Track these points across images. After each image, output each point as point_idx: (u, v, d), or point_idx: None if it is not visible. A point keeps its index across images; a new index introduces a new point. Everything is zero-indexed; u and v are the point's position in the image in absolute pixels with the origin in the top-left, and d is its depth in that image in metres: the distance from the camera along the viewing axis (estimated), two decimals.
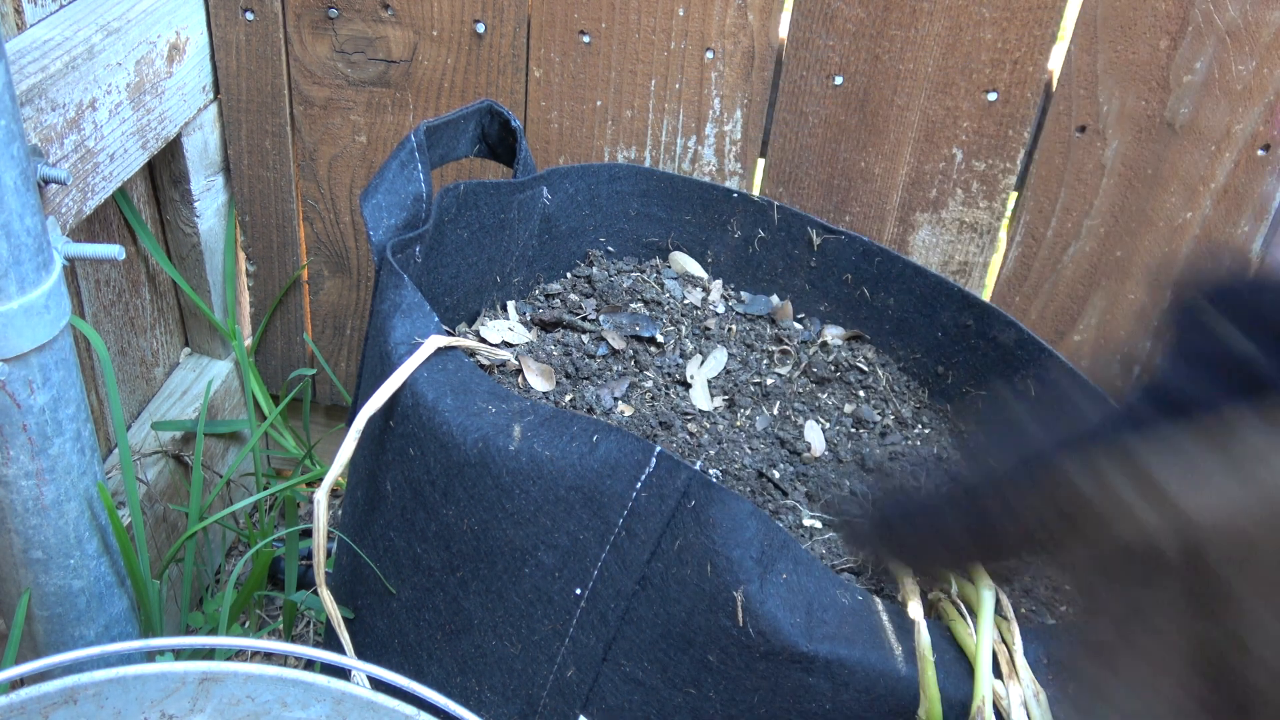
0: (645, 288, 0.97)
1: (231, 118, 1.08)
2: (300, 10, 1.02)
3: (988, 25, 0.96)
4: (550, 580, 0.67)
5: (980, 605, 0.62)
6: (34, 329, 0.72)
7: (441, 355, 0.71)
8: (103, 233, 0.98)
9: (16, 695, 0.60)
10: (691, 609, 0.64)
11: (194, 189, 1.06)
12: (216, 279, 1.13)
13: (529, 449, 0.65)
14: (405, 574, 0.75)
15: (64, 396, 0.77)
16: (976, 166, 1.03)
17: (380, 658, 0.79)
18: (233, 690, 0.65)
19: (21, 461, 0.76)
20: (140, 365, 1.09)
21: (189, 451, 1.11)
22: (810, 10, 0.97)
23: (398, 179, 0.78)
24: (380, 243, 0.76)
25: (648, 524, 0.63)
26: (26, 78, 0.77)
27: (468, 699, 0.74)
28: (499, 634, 0.71)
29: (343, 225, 1.14)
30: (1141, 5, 0.93)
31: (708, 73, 1.02)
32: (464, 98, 1.05)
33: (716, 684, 0.65)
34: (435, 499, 0.70)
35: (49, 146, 0.79)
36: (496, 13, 1.01)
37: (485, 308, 0.91)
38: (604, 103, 1.04)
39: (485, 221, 0.86)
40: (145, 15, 0.91)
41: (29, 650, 0.86)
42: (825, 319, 1.01)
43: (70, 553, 0.81)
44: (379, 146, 1.09)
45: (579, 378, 0.85)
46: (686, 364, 0.90)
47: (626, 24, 1.00)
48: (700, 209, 1.00)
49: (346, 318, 1.20)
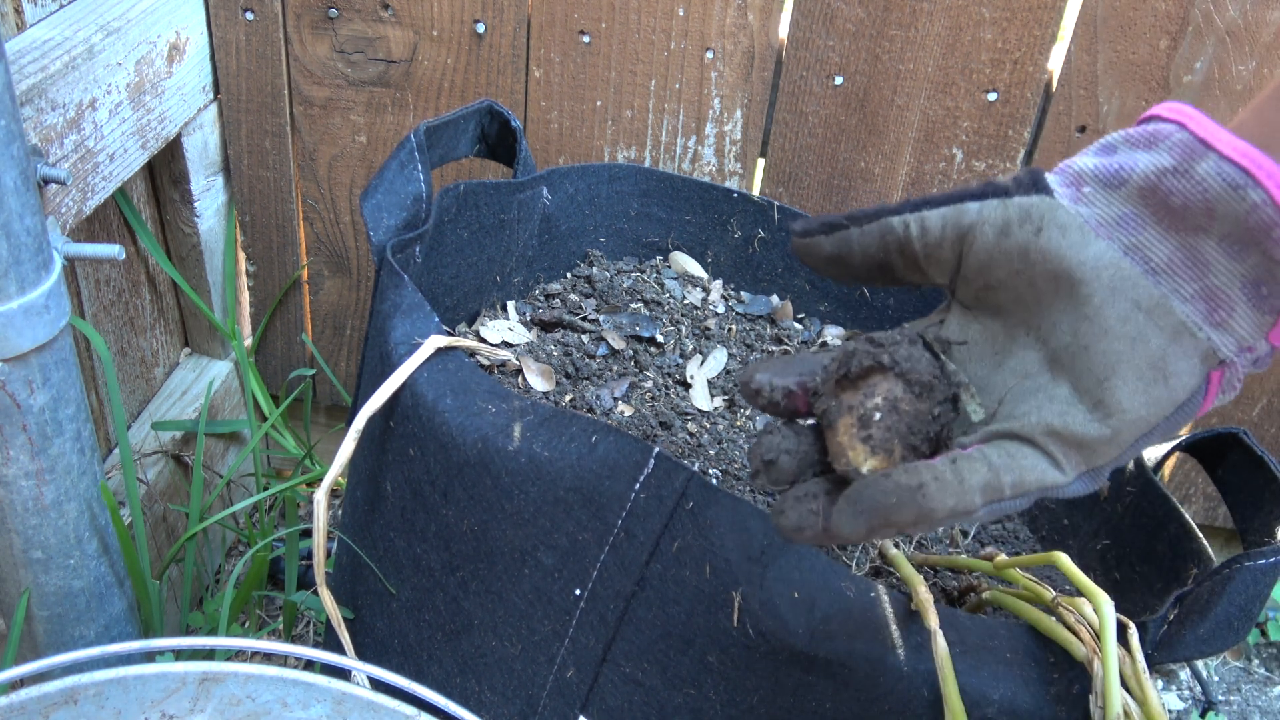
0: (645, 288, 0.97)
1: (231, 118, 1.08)
2: (300, 10, 1.02)
3: (988, 25, 0.96)
4: (550, 581, 0.67)
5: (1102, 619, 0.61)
6: (34, 329, 0.72)
7: (441, 355, 0.71)
8: (103, 233, 0.98)
9: (17, 695, 0.60)
10: (691, 610, 0.64)
11: (194, 189, 1.06)
12: (216, 279, 1.13)
13: (528, 449, 0.65)
14: (405, 574, 0.75)
15: (64, 396, 0.77)
16: (976, 166, 1.03)
17: (380, 658, 0.79)
18: (233, 690, 0.65)
19: (21, 461, 0.76)
20: (140, 365, 1.09)
21: (189, 451, 1.11)
22: (810, 10, 0.97)
23: (398, 179, 0.78)
24: (380, 243, 0.76)
25: (646, 525, 0.63)
26: (26, 78, 0.77)
27: (468, 699, 0.74)
28: (499, 634, 0.71)
29: (343, 225, 1.14)
30: (1141, 5, 0.93)
31: (708, 73, 1.02)
32: (464, 98, 1.05)
33: (716, 684, 0.65)
34: (435, 499, 0.70)
35: (49, 146, 0.79)
36: (496, 13, 1.01)
37: (485, 308, 0.91)
38: (604, 103, 1.04)
39: (485, 221, 0.86)
40: (145, 15, 0.91)
41: (29, 650, 0.86)
42: (825, 319, 1.01)
43: (70, 553, 0.81)
44: (379, 146, 1.09)
45: (579, 378, 0.85)
46: (686, 364, 0.90)
47: (626, 24, 1.00)
48: (700, 209, 1.00)
49: (346, 318, 1.20)
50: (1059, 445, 0.49)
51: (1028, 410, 0.50)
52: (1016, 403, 0.51)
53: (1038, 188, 0.52)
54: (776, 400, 0.55)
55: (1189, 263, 0.49)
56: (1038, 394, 0.51)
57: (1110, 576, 0.81)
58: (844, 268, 0.55)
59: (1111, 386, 0.49)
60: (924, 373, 0.51)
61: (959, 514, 0.48)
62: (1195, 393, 0.50)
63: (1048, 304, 0.51)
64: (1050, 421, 0.49)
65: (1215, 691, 1.25)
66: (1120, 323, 0.49)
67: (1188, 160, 0.48)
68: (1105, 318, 0.49)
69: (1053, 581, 0.75)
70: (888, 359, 0.51)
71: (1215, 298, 0.49)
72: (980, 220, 0.52)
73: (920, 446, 0.51)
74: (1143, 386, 0.49)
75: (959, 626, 0.64)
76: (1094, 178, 0.51)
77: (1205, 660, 1.28)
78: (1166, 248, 0.49)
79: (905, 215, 0.53)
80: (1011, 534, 0.88)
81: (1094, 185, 0.51)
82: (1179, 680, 1.26)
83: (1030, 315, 0.52)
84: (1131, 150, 0.51)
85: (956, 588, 0.76)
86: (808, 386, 0.55)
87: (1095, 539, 0.84)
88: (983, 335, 0.54)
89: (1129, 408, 0.49)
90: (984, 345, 0.54)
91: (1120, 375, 0.49)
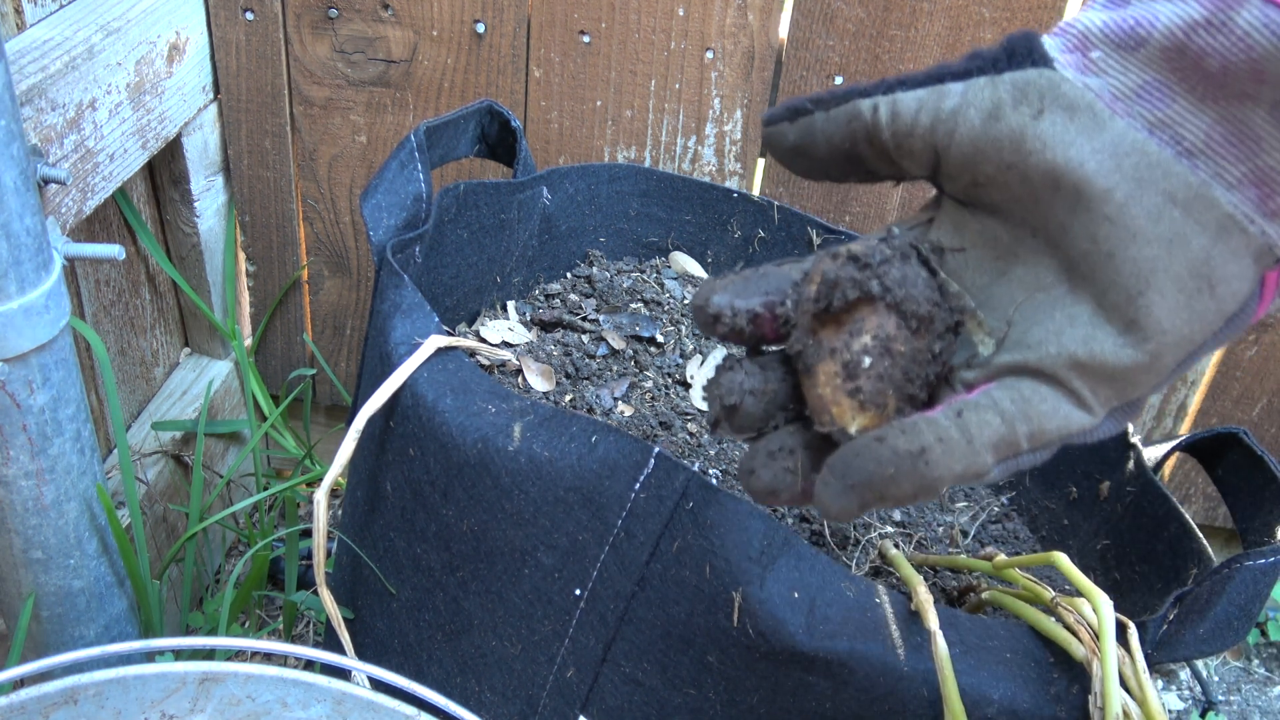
0: (645, 288, 0.97)
1: (231, 118, 1.08)
2: (300, 10, 1.02)
3: (988, 25, 0.96)
4: (550, 581, 0.67)
5: (1101, 619, 0.60)
6: (34, 329, 0.72)
7: (441, 355, 0.71)
8: (103, 233, 0.98)
9: (17, 695, 0.60)
10: (691, 610, 0.64)
11: (194, 189, 1.06)
12: (216, 279, 1.13)
13: (528, 449, 0.65)
14: (405, 574, 0.75)
15: (64, 396, 0.77)
16: None
17: (380, 658, 0.79)
18: (233, 690, 0.65)
19: (21, 461, 0.76)
20: (140, 365, 1.09)
21: (189, 451, 1.11)
22: (810, 10, 0.97)
23: (398, 179, 0.78)
24: (380, 243, 0.76)
25: (646, 525, 0.63)
26: (26, 78, 0.77)
27: (468, 699, 0.74)
28: (499, 634, 0.71)
29: (343, 225, 1.14)
30: None
31: (708, 73, 1.02)
32: (464, 98, 1.05)
33: (716, 684, 0.65)
34: (435, 499, 0.70)
35: (49, 146, 0.79)
36: (496, 13, 1.01)
37: (485, 308, 0.91)
38: (604, 103, 1.04)
39: (485, 221, 0.86)
40: (145, 15, 0.91)
41: (29, 650, 0.86)
42: None
43: (70, 553, 0.81)
44: (379, 146, 1.09)
45: (579, 378, 0.85)
46: (686, 364, 0.90)
47: (626, 24, 1.00)
48: (700, 209, 1.00)
49: (346, 318, 1.20)
50: (1085, 379, 0.41)
51: (1044, 336, 0.42)
52: (1029, 325, 0.42)
53: (1034, 58, 0.42)
54: (740, 327, 0.45)
55: (1233, 139, 0.40)
56: (1054, 313, 0.42)
57: (1110, 576, 0.81)
58: (809, 160, 0.47)
59: (1146, 302, 0.40)
60: (921, 301, 0.42)
61: (968, 478, 0.41)
62: (1249, 300, 0.41)
63: (1049, 203, 0.42)
64: (1073, 351, 0.41)
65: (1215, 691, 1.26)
66: (1151, 222, 0.40)
67: (1224, 8, 0.38)
68: (1131, 217, 0.40)
69: (1052, 581, 0.75)
70: (877, 286, 0.42)
71: (1269, 181, 0.40)
72: (964, 104, 0.42)
73: (918, 394, 0.43)
74: (1184, 299, 0.40)
75: (959, 626, 0.64)
76: (1104, 39, 0.41)
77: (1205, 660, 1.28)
78: (1203, 122, 0.40)
79: (875, 97, 0.44)
80: (1011, 534, 0.88)
81: (1105, 48, 0.41)
82: (1179, 680, 1.26)
83: (1034, 215, 0.43)
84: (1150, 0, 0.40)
85: (956, 588, 0.76)
86: (775, 308, 0.45)
87: (1095, 539, 0.84)
88: (982, 237, 0.45)
89: (1169, 326, 0.40)
90: (984, 250, 0.45)
91: (1156, 287, 0.40)
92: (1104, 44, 0.41)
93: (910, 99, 0.43)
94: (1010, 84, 0.42)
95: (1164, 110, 0.40)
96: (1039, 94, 0.41)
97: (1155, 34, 0.40)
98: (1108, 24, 0.41)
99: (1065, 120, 0.41)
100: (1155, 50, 0.40)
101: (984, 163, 0.42)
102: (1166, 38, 0.39)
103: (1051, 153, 0.41)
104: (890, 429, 0.41)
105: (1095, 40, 0.41)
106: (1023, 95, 0.41)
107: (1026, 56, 0.42)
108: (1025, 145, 0.41)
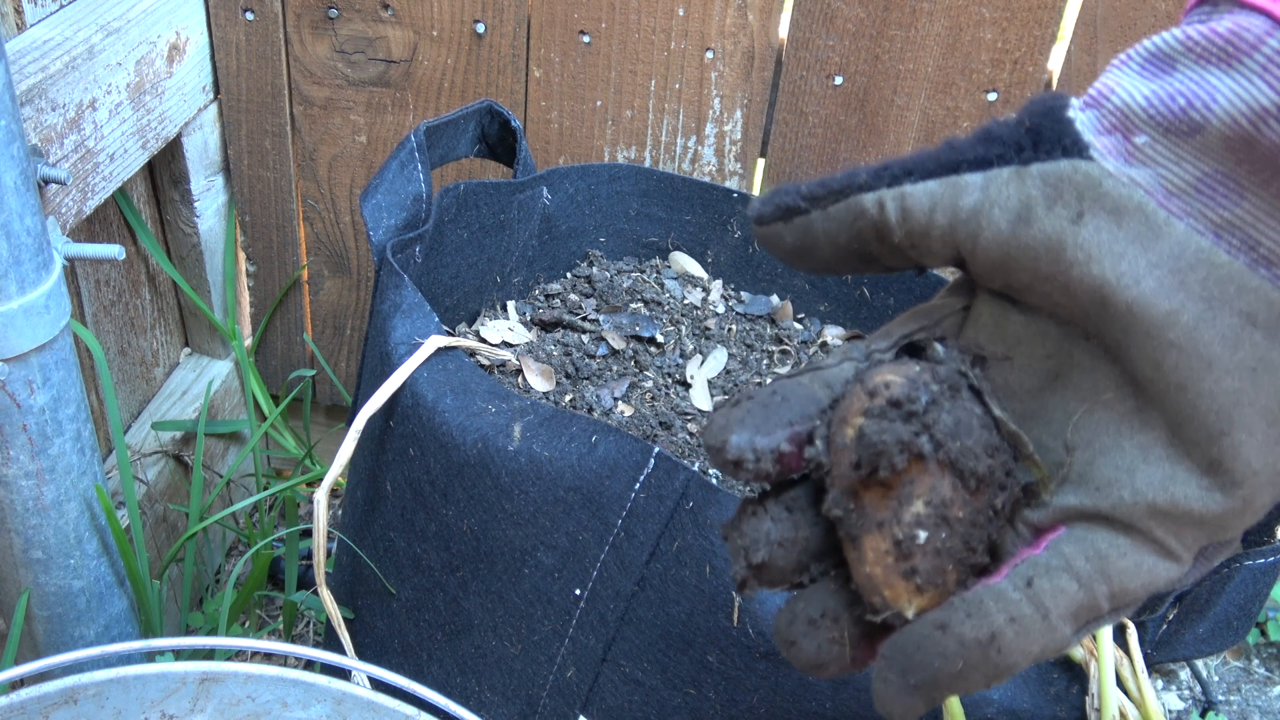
0: (645, 288, 0.97)
1: (231, 118, 1.08)
2: (300, 10, 1.02)
3: (988, 25, 0.96)
4: (550, 581, 0.67)
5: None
6: (34, 329, 0.72)
7: (441, 355, 0.71)
8: (103, 233, 0.98)
9: (17, 695, 0.60)
10: (691, 610, 0.64)
11: (194, 189, 1.06)
12: (216, 279, 1.13)
13: (528, 449, 0.65)
14: (405, 574, 0.75)
15: (64, 396, 0.77)
16: None
17: (380, 658, 0.79)
18: (233, 690, 0.65)
19: (21, 461, 0.76)
20: (140, 365, 1.09)
21: (189, 451, 1.11)
22: (810, 10, 0.97)
23: (398, 179, 0.78)
24: (380, 243, 0.76)
25: (646, 525, 0.63)
26: (26, 78, 0.77)
27: (468, 699, 0.74)
28: (499, 634, 0.71)
29: (343, 225, 1.14)
30: (1141, 5, 0.93)
31: (708, 73, 1.02)
32: (464, 98, 1.05)
33: (716, 684, 0.65)
34: (435, 499, 0.70)
35: (49, 146, 0.79)
36: (496, 13, 1.01)
37: (485, 308, 0.91)
38: (604, 103, 1.04)
39: (485, 221, 0.86)
40: (145, 15, 0.91)
41: (29, 650, 0.86)
42: (825, 319, 1.01)
43: (70, 553, 0.81)
44: (379, 146, 1.09)
45: (579, 378, 0.85)
46: (686, 364, 0.90)
47: (626, 24, 1.00)
48: (700, 209, 1.00)
49: (346, 318, 1.20)
50: (1168, 527, 0.35)
51: (1114, 475, 0.35)
52: (1094, 455, 0.36)
53: (1064, 144, 0.35)
54: (765, 470, 0.37)
55: None
56: (1122, 442, 0.35)
57: None
58: (814, 261, 0.40)
59: (1233, 443, 0.34)
60: (980, 455, 0.35)
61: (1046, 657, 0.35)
62: None
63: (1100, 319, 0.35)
64: (1152, 498, 0.34)
65: (1215, 691, 1.25)
66: (1228, 349, 0.33)
67: None
68: (1204, 343, 0.33)
69: None
70: (929, 445, 0.35)
71: None
72: (986, 202, 0.35)
73: (980, 561, 0.36)
74: (1277, 434, 0.34)
75: None
76: (1150, 121, 0.34)
77: (1205, 660, 1.28)
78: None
79: (879, 191, 0.37)
80: None
81: (1151, 132, 0.34)
82: (1179, 680, 1.26)
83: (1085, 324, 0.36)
84: (1201, 68, 0.33)
85: None
86: (801, 438, 0.38)
87: None
88: (1027, 332, 0.38)
89: (1261, 466, 0.34)
90: (1031, 347, 0.38)
91: (1242, 425, 0.33)
92: (1150, 127, 0.34)
93: (921, 194, 0.36)
94: (1040, 179, 0.35)
95: (1231, 210, 0.33)
96: (1076, 193, 0.34)
97: (1213, 119, 0.32)
98: (1152, 100, 0.34)
99: (1112, 226, 0.34)
100: (1215, 138, 0.33)
101: (1018, 271, 0.36)
102: (1229, 126, 0.32)
103: (1099, 266, 0.34)
104: (954, 612, 0.35)
105: (1139, 121, 0.34)
106: (1057, 194, 0.34)
107: (1056, 142, 0.35)
108: (1065, 256, 0.34)
